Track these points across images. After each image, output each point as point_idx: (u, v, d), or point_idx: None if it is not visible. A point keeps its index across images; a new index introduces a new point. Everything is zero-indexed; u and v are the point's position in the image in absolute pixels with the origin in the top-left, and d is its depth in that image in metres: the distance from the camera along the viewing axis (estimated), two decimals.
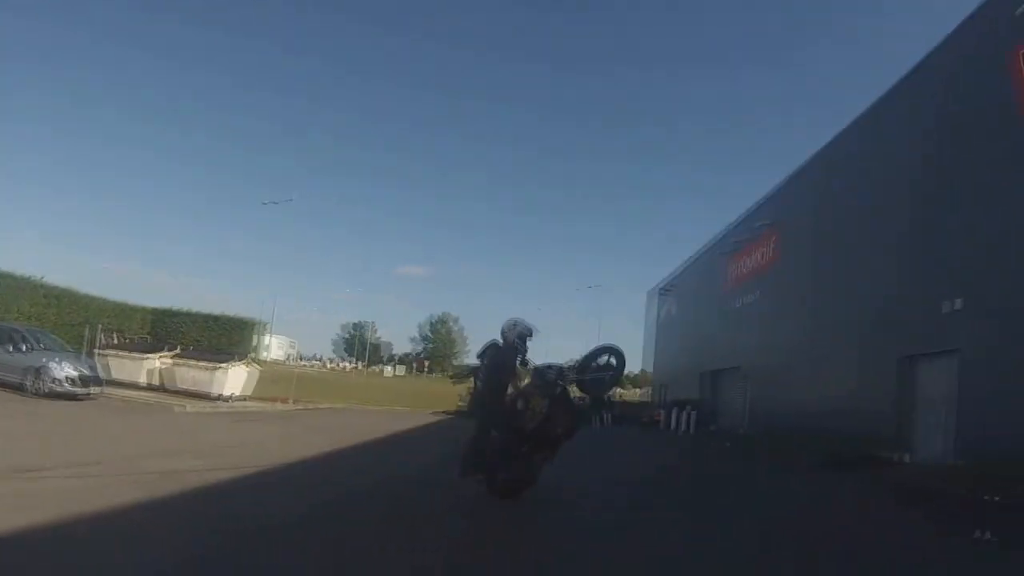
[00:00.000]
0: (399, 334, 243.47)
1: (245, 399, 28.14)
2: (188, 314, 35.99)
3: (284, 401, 31.17)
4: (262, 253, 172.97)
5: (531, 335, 9.68)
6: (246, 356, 30.20)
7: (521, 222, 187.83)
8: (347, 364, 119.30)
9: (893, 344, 20.05)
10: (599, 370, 9.68)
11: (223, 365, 26.61)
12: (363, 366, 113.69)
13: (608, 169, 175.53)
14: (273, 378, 34.20)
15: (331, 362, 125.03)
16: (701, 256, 43.69)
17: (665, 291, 52.75)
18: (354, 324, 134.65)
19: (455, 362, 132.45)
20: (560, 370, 9.57)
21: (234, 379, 27.23)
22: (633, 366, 58.51)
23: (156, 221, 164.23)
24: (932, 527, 10.22)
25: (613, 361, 9.73)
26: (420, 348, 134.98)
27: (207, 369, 26.51)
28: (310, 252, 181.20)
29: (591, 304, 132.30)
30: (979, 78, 17.36)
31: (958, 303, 17.37)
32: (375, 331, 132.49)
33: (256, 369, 29.50)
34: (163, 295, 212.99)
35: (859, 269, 23.14)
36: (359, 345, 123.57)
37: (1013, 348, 15.58)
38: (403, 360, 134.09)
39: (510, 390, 9.40)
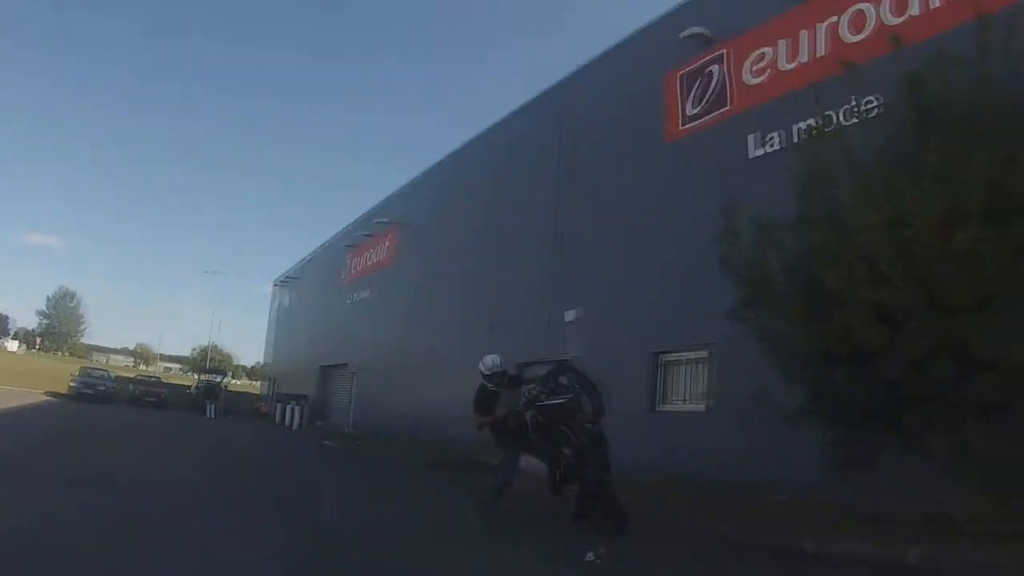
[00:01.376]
0: (22, 305, 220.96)
1: None
2: None
3: None
4: None
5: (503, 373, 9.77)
6: None
7: (153, 204, 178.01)
8: None
9: (507, 351, 19.05)
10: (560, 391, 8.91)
11: None
12: None
13: (244, 154, 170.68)
14: None
15: None
16: (324, 249, 41.35)
17: (284, 282, 49.74)
18: None
19: (72, 340, 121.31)
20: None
21: None
22: (254, 357, 57.82)
23: None
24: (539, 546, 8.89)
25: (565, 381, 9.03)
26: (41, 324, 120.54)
27: None
28: None
29: (215, 291, 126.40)
30: (630, 99, 16.75)
31: (571, 314, 16.65)
32: None
33: None
34: None
35: (475, 275, 22.21)
36: None
37: (615, 363, 15.01)
38: (19, 335, 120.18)
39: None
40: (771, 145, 12.65)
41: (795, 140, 11.70)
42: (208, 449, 19.41)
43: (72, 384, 39.00)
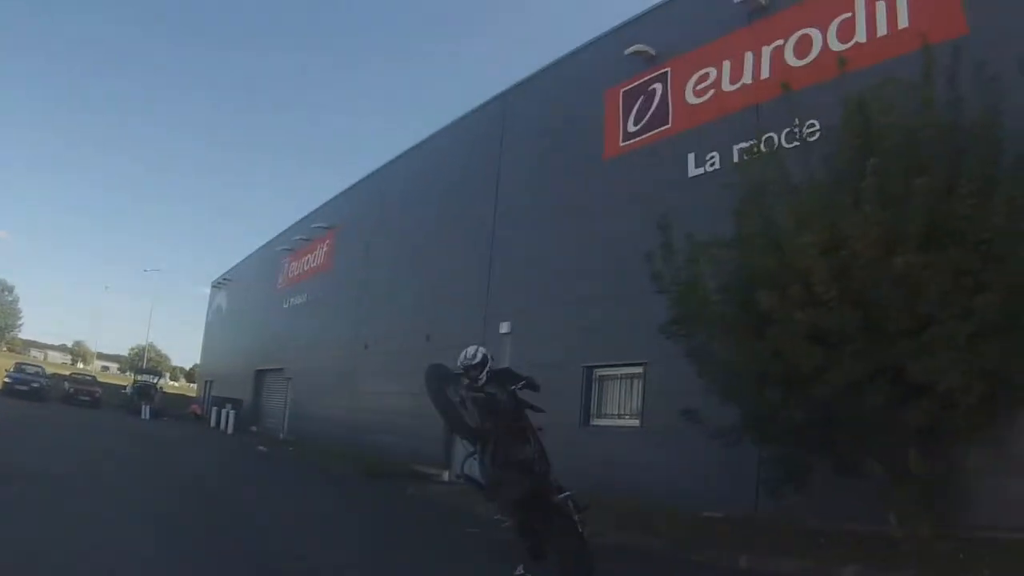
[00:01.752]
0: None
1: None
2: None
3: None
4: None
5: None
6: None
7: (94, 200, 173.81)
8: None
9: (443, 361, 18.75)
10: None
11: None
12: None
13: (188, 153, 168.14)
14: None
15: None
16: (262, 251, 40.32)
17: (220, 284, 48.51)
18: None
19: (8, 335, 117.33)
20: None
21: None
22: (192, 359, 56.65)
23: None
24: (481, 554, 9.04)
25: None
26: None
27: None
28: None
29: (154, 290, 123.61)
30: (572, 113, 16.46)
31: (505, 326, 16.57)
32: None
33: None
34: None
35: (411, 286, 21.85)
36: None
37: (549, 376, 14.86)
38: None
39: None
40: (711, 165, 12.50)
41: (735, 160, 11.56)
42: (136, 450, 18.62)
43: (6, 380, 37.38)
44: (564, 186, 15.98)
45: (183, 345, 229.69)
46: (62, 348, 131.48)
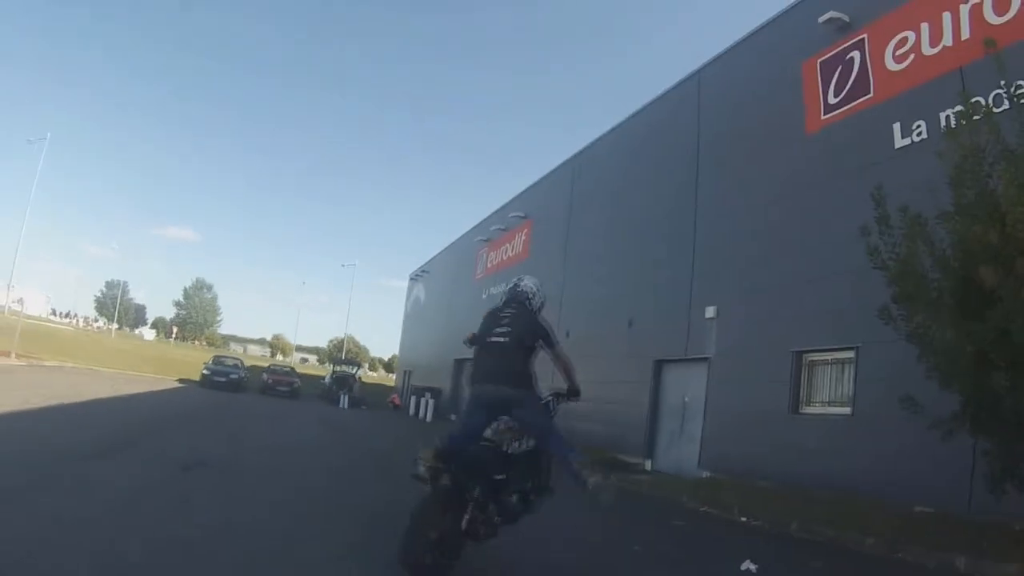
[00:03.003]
0: (164, 298, 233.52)
1: None
2: None
3: (5, 355, 28.58)
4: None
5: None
6: None
7: (287, 198, 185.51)
8: (101, 324, 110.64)
9: (647, 347, 19.02)
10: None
11: None
12: (116, 327, 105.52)
13: (378, 152, 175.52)
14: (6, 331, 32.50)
15: (87, 321, 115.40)
16: (458, 242, 42.18)
17: (417, 276, 51.15)
18: (107, 283, 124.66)
19: (208, 330, 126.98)
20: None
21: None
22: (390, 350, 58.37)
23: None
24: (689, 551, 8.72)
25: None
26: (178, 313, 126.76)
27: None
28: (66, 203, 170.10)
29: (352, 284, 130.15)
30: (768, 88, 16.27)
31: (710, 311, 16.52)
32: (127, 292, 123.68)
33: None
34: None
35: (612, 271, 22.14)
36: (115, 306, 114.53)
37: (753, 360, 14.99)
38: (157, 324, 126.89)
39: None
40: (917, 134, 12.08)
41: (942, 128, 11.04)
42: (329, 437, 20.17)
43: (204, 372, 39.34)
44: (765, 164, 15.87)
45: (381, 337, 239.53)
46: (261, 342, 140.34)
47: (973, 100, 9.18)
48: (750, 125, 16.54)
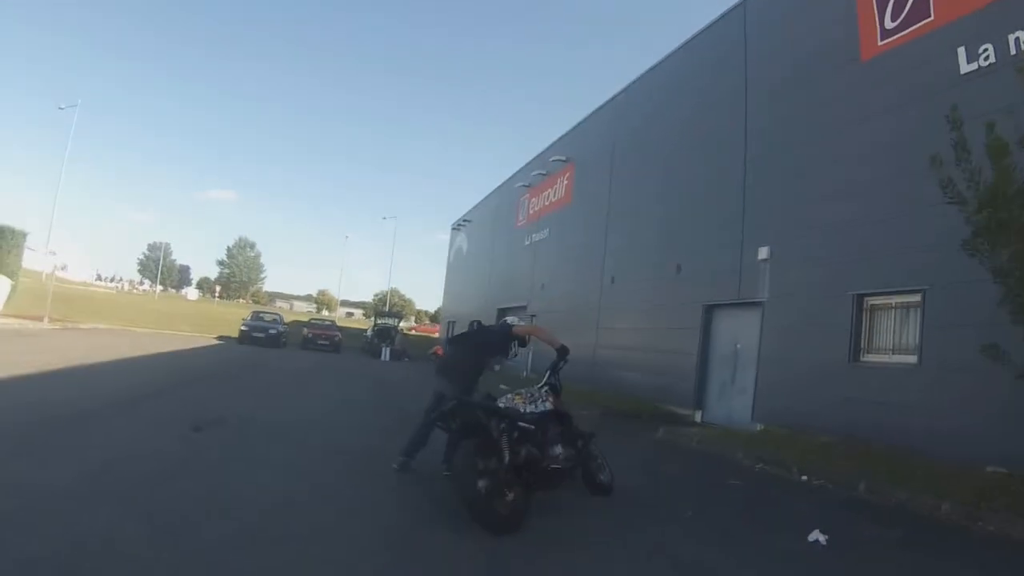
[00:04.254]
0: (207, 259, 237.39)
1: None
2: None
3: (38, 319, 28.74)
4: (48, 163, 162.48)
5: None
6: None
7: (324, 154, 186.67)
8: (144, 286, 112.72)
9: (696, 292, 18.33)
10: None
11: None
12: (160, 289, 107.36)
13: (422, 97, 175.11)
14: (43, 294, 32.37)
15: (132, 284, 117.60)
16: (499, 190, 41.76)
17: (459, 226, 50.95)
18: (149, 245, 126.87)
19: (253, 288, 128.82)
20: None
21: None
22: (437, 303, 58.82)
23: None
24: (747, 517, 7.93)
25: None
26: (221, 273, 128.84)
27: None
28: (108, 170, 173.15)
29: (394, 237, 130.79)
30: (820, 14, 15.31)
31: (763, 252, 15.80)
32: (170, 253, 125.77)
33: (6, 282, 26.69)
34: None
35: (658, 213, 21.32)
36: (158, 267, 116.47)
37: (810, 305, 14.29)
38: (202, 285, 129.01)
39: None
40: (984, 59, 11.12)
41: (1012, 52, 10.34)
42: (365, 394, 19.69)
43: (242, 328, 39.41)
44: (819, 95, 14.97)
45: (428, 289, 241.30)
46: (307, 298, 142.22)
47: None
48: (801, 54, 15.64)
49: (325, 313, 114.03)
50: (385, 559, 5.22)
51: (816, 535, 6.63)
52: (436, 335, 60.94)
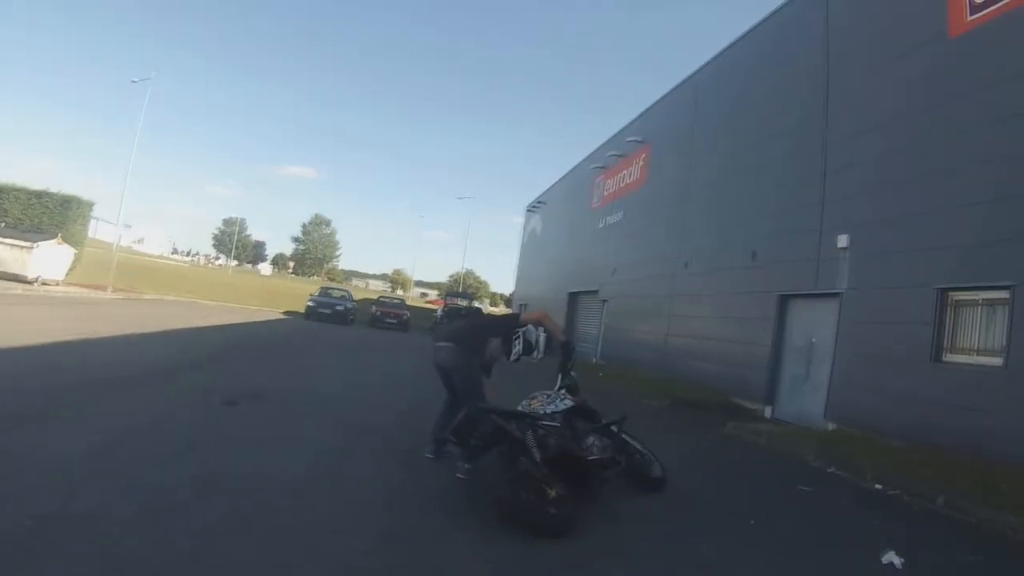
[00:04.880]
0: (284, 235, 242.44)
1: (57, 283, 27.23)
2: (7, 188, 31.16)
3: (101, 289, 29.43)
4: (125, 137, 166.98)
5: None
6: (56, 235, 27.23)
7: (404, 134, 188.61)
8: (220, 261, 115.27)
9: (771, 280, 17.75)
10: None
11: (27, 244, 24.28)
12: (235, 264, 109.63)
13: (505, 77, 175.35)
14: (117, 267, 33.61)
15: (207, 258, 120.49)
16: (574, 171, 41.24)
17: (534, 208, 50.77)
18: (225, 220, 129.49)
19: (327, 265, 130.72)
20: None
21: (41, 260, 25.79)
22: (511, 285, 59.02)
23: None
24: (815, 529, 7.37)
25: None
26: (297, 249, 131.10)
27: (13, 247, 25.02)
28: (186, 142, 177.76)
29: (470, 219, 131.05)
30: None
31: (843, 240, 15.12)
32: (244, 229, 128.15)
33: (70, 251, 27.25)
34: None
35: (735, 198, 20.73)
36: (233, 242, 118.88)
37: (890, 297, 13.57)
38: (276, 260, 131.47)
39: None
40: None
41: None
42: (424, 373, 19.15)
43: (309, 304, 39.38)
44: (904, 74, 14.17)
45: (502, 272, 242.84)
46: (383, 277, 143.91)
47: None
48: (886, 30, 14.89)
49: (400, 292, 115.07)
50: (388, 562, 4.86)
51: (891, 557, 6.07)
52: None
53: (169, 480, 5.82)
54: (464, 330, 8.20)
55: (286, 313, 40.37)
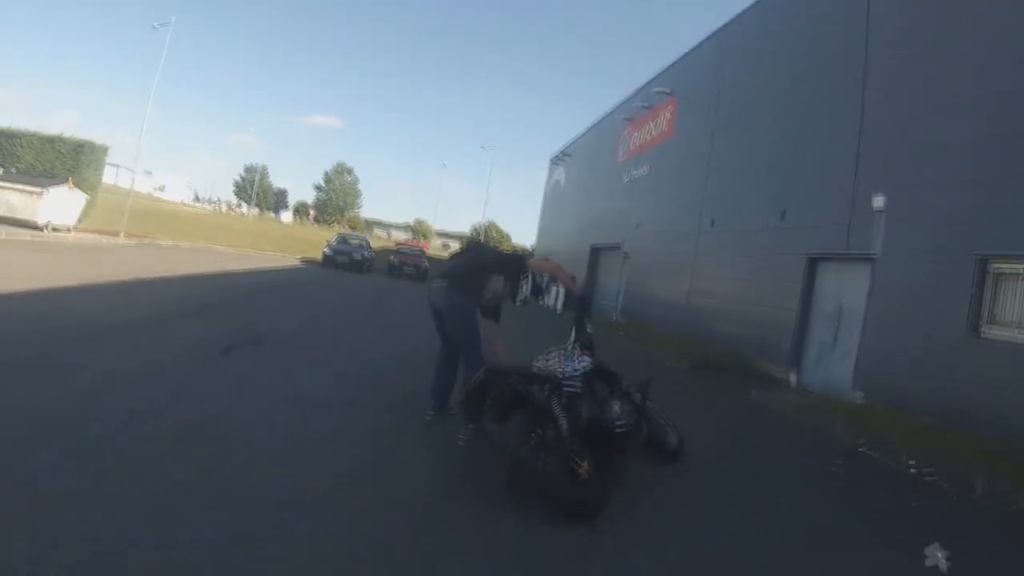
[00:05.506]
0: (307, 183, 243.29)
1: (69, 229, 27.07)
2: (21, 134, 31.06)
3: (114, 234, 29.31)
4: (144, 84, 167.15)
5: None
6: (67, 180, 26.93)
7: (430, 79, 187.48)
8: (242, 208, 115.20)
9: (800, 241, 17.12)
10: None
11: (36, 190, 24.02)
12: (257, 211, 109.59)
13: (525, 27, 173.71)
14: (132, 212, 33.43)
15: (229, 205, 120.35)
16: (600, 123, 40.35)
17: (558, 160, 49.90)
18: (246, 167, 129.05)
19: (349, 213, 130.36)
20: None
21: (51, 206, 25.57)
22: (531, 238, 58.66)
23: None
24: (849, 515, 6.88)
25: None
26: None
27: (23, 193, 24.78)
28: (207, 90, 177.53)
29: (493, 168, 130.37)
30: None
31: (879, 201, 14.41)
32: (266, 176, 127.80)
33: (82, 196, 27.03)
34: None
35: (764, 155, 20.00)
36: (254, 190, 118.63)
37: (926, 263, 12.90)
38: (298, 209, 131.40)
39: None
40: None
41: None
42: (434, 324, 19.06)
43: (325, 251, 38.81)
44: (950, 31, 13.32)
45: (525, 224, 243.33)
46: (404, 227, 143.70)
47: None
48: None
49: (421, 241, 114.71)
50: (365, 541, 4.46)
51: (935, 551, 5.48)
52: None
53: (139, 437, 5.52)
54: (459, 266, 7.62)
55: (303, 260, 40.24)
